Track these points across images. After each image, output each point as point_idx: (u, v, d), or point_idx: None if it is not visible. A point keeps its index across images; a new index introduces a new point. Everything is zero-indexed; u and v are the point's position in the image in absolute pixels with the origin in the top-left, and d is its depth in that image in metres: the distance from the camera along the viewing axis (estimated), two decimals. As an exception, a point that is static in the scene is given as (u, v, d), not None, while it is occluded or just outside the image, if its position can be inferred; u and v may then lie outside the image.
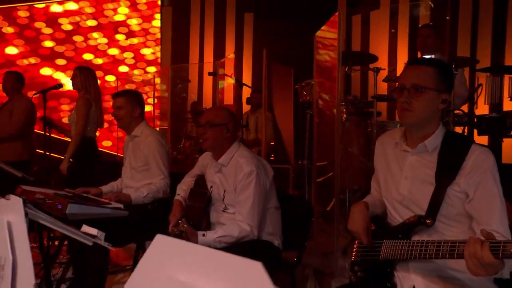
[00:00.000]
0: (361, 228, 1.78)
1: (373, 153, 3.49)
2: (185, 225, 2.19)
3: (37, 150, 4.59)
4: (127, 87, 7.47)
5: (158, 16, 8.15)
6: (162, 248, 1.22)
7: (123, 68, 7.69)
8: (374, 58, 3.49)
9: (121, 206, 2.66)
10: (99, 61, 7.48)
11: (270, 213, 2.43)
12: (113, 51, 7.63)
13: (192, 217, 2.38)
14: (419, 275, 1.61)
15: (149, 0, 8.14)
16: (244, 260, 1.06)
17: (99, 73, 7.18)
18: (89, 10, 7.45)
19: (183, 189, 2.71)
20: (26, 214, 1.77)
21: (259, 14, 8.17)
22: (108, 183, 3.23)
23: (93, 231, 2.03)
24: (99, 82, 4.24)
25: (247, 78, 7.79)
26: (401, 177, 1.74)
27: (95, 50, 7.48)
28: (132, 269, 2.97)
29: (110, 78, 7.65)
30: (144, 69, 7.92)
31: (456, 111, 3.12)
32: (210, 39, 8.22)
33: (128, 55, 7.77)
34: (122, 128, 3.21)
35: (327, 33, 3.09)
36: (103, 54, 7.56)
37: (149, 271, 1.23)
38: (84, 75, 3.88)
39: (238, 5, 8.24)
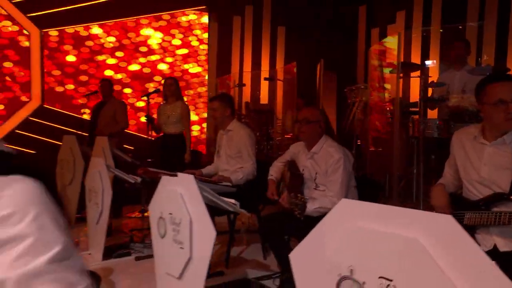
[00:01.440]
0: (444, 203, 2.00)
1: (412, 144, 3.66)
2: (307, 198, 2.39)
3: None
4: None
5: (179, 35, 8.10)
6: (347, 208, 1.44)
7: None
8: (416, 67, 3.67)
9: (230, 184, 2.89)
10: (119, 76, 7.44)
11: (350, 191, 2.64)
12: (133, 67, 7.62)
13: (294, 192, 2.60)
14: (499, 236, 1.82)
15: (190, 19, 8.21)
16: (433, 214, 1.27)
17: (117, 87, 7.10)
18: (113, 33, 7.45)
19: (274, 171, 2.94)
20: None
21: (289, 27, 8.31)
22: (205, 167, 3.47)
23: (232, 201, 2.27)
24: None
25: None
26: (480, 164, 1.94)
27: (116, 67, 7.46)
28: (230, 232, 3.26)
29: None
30: (159, 82, 7.70)
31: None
32: (249, 50, 8.37)
33: (146, 70, 7.71)
34: (218, 124, 3.43)
35: (381, 47, 3.29)
36: (124, 70, 7.52)
37: (336, 223, 1.44)
38: (178, 84, 4.16)
39: (272, 20, 8.37)
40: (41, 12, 6.89)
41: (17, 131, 6.78)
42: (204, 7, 8.33)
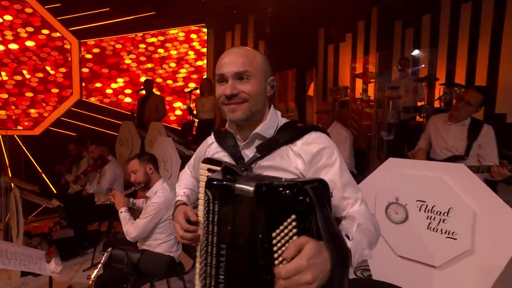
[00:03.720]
0: (423, 158, 2.43)
1: (375, 127, 4.09)
2: None
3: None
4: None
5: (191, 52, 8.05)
6: (393, 163, 1.82)
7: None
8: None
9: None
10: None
11: (351, 156, 3.05)
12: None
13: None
14: None
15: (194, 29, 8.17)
16: (452, 163, 1.67)
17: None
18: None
19: None
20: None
21: (268, 42, 8.53)
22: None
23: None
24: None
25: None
26: (447, 137, 2.37)
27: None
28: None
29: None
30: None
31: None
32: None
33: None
34: None
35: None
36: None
37: (385, 172, 1.82)
38: (211, 82, 4.31)
39: (254, 35, 8.56)
40: (79, 27, 6.77)
41: (62, 118, 6.66)
42: (203, 24, 8.37)
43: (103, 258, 1.61)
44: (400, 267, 1.72)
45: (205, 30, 8.33)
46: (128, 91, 6.97)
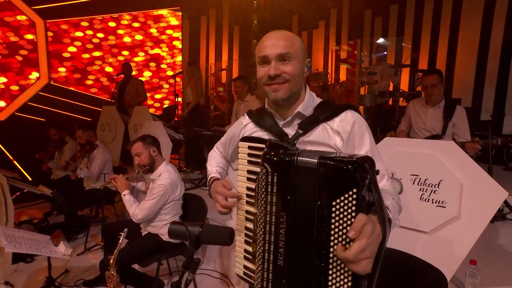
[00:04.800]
0: (405, 136, 2.61)
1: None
2: None
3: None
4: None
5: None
6: (389, 141, 1.93)
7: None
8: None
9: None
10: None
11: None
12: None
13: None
14: None
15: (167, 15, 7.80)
16: (443, 141, 1.81)
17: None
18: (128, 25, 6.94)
19: None
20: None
21: (243, 27, 8.41)
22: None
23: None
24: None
25: (235, 71, 8.10)
26: (426, 119, 2.56)
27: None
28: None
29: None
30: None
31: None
32: (213, 43, 8.34)
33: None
34: (238, 97, 3.67)
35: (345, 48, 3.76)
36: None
37: (382, 150, 1.93)
38: (193, 67, 4.21)
39: (230, 21, 8.38)
40: (44, 6, 6.19)
41: (29, 103, 6.17)
42: (178, 7, 8.01)
43: (121, 238, 1.60)
44: (394, 234, 1.87)
45: (165, 14, 7.87)
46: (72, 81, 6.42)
